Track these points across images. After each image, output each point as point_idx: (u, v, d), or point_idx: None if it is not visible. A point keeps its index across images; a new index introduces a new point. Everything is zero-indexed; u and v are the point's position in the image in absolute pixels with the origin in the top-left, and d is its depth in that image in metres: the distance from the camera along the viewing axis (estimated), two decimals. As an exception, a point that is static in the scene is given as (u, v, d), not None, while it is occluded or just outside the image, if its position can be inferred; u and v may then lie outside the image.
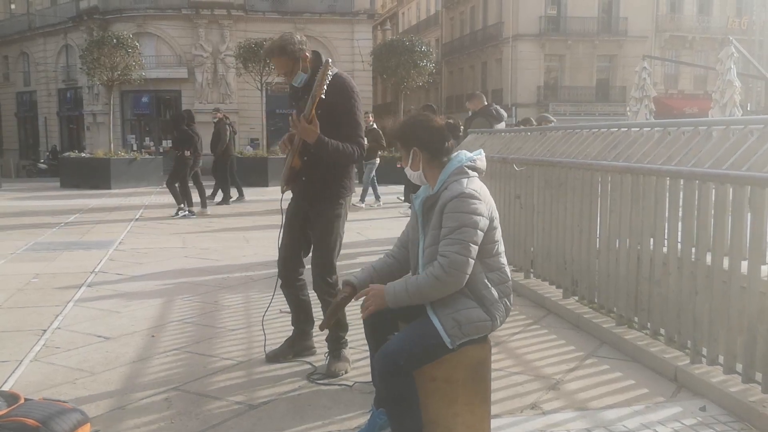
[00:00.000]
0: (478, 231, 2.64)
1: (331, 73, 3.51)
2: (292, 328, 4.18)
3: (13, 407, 2.72)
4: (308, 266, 4.01)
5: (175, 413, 3.34)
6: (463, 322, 2.65)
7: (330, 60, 3.56)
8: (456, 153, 2.84)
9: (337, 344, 3.93)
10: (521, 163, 5.93)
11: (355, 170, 4.22)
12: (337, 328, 3.94)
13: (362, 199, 13.61)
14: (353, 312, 4.17)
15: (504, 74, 38.16)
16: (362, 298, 2.86)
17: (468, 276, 2.64)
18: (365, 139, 3.92)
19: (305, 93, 3.68)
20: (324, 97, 3.52)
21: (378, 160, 14.19)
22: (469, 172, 2.76)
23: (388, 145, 15.44)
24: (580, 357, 4.17)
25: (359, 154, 3.77)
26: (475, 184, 2.71)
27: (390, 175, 19.83)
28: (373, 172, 13.96)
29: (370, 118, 14.42)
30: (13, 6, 41.16)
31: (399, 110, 24.57)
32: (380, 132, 13.93)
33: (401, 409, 2.66)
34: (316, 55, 3.84)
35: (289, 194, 4.03)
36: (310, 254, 4.00)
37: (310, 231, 3.95)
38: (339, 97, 3.69)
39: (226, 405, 3.44)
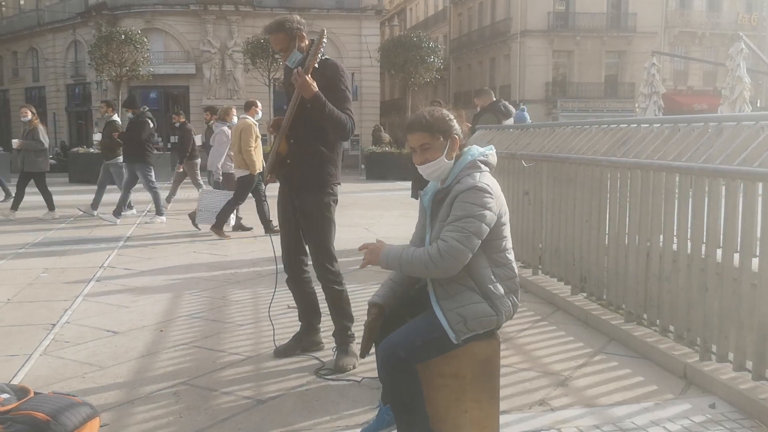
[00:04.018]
0: (483, 225, 2.62)
1: (325, 41, 3.54)
2: (300, 323, 4.18)
3: (23, 401, 2.74)
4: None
5: (183, 407, 3.34)
6: (468, 317, 2.64)
7: (326, 30, 3.60)
8: (468, 147, 2.83)
9: (344, 338, 3.93)
10: (530, 159, 5.91)
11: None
12: (342, 319, 3.95)
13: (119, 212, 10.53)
14: (359, 308, 4.18)
15: (512, 70, 38.06)
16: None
17: (462, 265, 2.62)
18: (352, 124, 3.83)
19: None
20: (317, 66, 3.58)
21: (120, 159, 10.90)
22: (482, 166, 2.75)
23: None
24: (589, 354, 4.16)
25: (350, 126, 3.76)
26: (487, 179, 2.70)
27: (392, 170, 19.89)
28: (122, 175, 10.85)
29: (105, 108, 11.33)
30: (22, 2, 41.34)
31: (407, 107, 24.55)
32: (118, 125, 11.07)
33: (405, 403, 2.65)
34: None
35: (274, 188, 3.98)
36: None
37: (301, 222, 3.93)
38: (330, 76, 3.74)
39: (235, 400, 3.44)
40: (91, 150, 21.59)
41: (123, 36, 21.17)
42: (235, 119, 9.86)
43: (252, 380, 3.72)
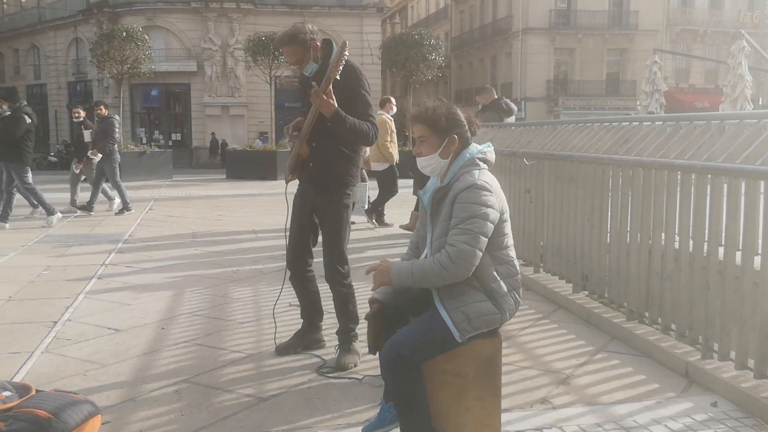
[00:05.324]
0: (488, 223, 2.62)
1: (347, 54, 3.50)
2: (302, 321, 4.18)
3: (24, 398, 2.74)
4: (317, 259, 4.01)
5: (185, 405, 3.35)
6: (472, 315, 2.64)
7: (347, 42, 3.57)
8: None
9: (347, 337, 3.93)
10: (531, 157, 5.91)
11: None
12: (347, 320, 3.95)
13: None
14: (363, 306, 4.18)
15: (513, 68, 38.03)
16: (373, 273, 2.79)
17: (474, 267, 2.62)
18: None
19: (316, 82, 3.63)
20: (338, 78, 3.53)
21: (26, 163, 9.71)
22: (480, 164, 2.75)
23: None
24: (591, 352, 4.16)
25: (373, 133, 3.76)
26: (486, 176, 2.70)
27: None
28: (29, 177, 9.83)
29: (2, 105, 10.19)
30: (23, -1, 41.35)
31: (408, 104, 24.52)
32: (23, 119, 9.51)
33: (408, 403, 2.65)
34: (327, 43, 3.82)
35: (293, 185, 3.99)
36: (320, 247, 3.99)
37: (318, 221, 3.94)
38: (350, 80, 3.72)
39: (236, 397, 3.44)
40: None
41: (124, 33, 21.12)
42: None
43: (253, 378, 3.72)
